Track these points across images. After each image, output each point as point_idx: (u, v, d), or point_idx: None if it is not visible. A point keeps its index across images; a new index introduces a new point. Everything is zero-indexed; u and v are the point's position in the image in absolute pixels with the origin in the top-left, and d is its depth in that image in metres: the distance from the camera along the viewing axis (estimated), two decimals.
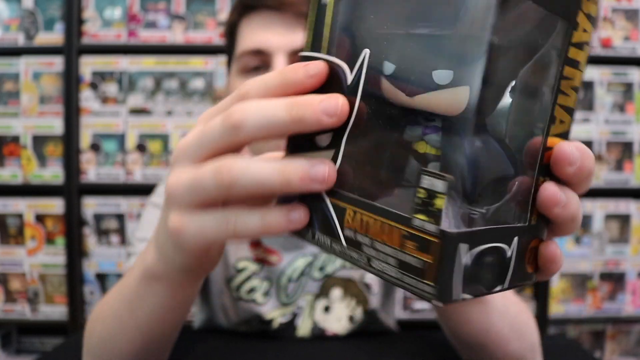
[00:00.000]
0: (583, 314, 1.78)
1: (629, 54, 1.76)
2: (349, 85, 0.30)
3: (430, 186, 0.26)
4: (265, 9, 0.77)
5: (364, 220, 0.29)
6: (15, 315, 1.71)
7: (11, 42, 1.69)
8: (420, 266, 0.26)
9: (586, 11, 0.27)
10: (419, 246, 0.26)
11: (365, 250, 0.29)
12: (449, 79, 0.25)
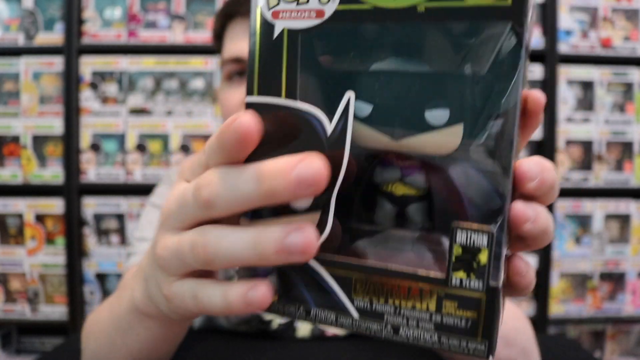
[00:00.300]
0: (583, 314, 1.78)
1: (629, 54, 1.76)
2: (329, 136, 0.26)
3: (469, 241, 0.24)
4: (243, 16, 0.78)
5: (381, 288, 0.26)
6: (15, 315, 1.71)
7: (11, 42, 1.69)
8: (465, 325, 0.25)
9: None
10: (461, 304, 0.25)
11: (390, 320, 0.27)
12: (445, 119, 0.25)
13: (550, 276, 1.74)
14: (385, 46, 0.25)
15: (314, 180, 0.24)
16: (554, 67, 1.72)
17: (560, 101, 1.73)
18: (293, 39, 0.26)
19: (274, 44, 0.26)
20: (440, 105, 0.25)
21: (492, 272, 0.25)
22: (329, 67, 0.26)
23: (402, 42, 0.25)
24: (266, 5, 0.26)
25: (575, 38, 1.75)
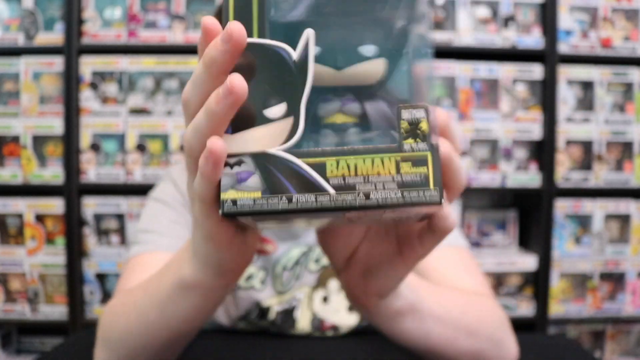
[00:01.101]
0: (583, 314, 1.78)
1: (629, 54, 1.76)
2: (295, 61, 0.33)
3: (412, 115, 0.33)
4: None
5: (351, 165, 0.33)
6: (15, 315, 1.71)
7: (11, 42, 1.69)
8: (420, 179, 0.32)
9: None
10: (414, 163, 0.32)
11: (360, 188, 0.32)
12: (372, 52, 0.34)
13: (550, 276, 1.74)
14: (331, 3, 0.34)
15: (231, 35, 0.32)
16: (554, 67, 1.72)
17: (560, 101, 1.73)
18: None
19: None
20: (369, 42, 0.34)
21: (431, 135, 0.33)
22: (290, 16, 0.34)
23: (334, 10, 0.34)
24: None
25: (575, 38, 1.75)
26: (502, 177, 1.74)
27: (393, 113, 0.33)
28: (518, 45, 1.74)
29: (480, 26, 1.74)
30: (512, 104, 1.74)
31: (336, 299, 0.89)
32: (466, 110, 1.72)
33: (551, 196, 1.73)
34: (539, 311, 1.75)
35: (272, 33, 0.34)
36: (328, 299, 0.89)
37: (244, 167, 0.33)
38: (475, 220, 1.83)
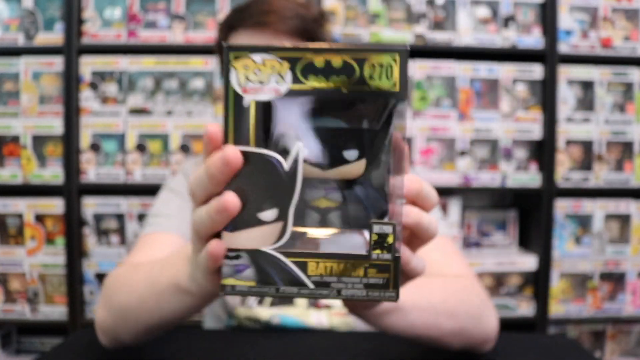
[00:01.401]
0: (583, 314, 1.78)
1: (629, 54, 1.76)
2: (286, 171, 0.40)
3: (381, 230, 0.40)
4: (247, 28, 0.93)
5: (327, 266, 0.41)
6: (15, 315, 1.71)
7: (11, 42, 1.69)
8: (382, 282, 0.41)
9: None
10: (379, 270, 0.41)
11: (334, 286, 0.41)
12: (355, 156, 0.41)
13: (550, 276, 1.74)
14: (316, 110, 0.40)
15: (228, 160, 0.39)
16: (554, 67, 1.71)
17: (560, 101, 1.73)
18: (258, 107, 0.40)
19: (244, 111, 0.40)
20: (352, 148, 0.41)
21: (395, 248, 0.40)
22: (282, 125, 0.40)
23: (329, 109, 0.40)
24: (238, 84, 0.40)
25: (575, 38, 1.75)
26: (502, 177, 1.73)
27: (372, 201, 0.41)
28: (518, 45, 1.73)
29: (481, 26, 1.74)
30: (512, 104, 1.74)
31: None
32: (466, 110, 1.72)
33: (551, 196, 1.73)
34: (539, 311, 1.75)
35: (266, 139, 0.40)
36: None
37: (241, 260, 0.41)
38: (476, 220, 1.82)
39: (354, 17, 1.72)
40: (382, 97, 0.40)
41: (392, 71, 0.40)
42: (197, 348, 0.84)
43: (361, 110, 0.41)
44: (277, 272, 0.41)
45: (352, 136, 0.41)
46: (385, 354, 0.82)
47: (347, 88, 0.40)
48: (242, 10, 0.95)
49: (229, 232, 0.41)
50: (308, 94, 0.40)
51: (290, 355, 0.82)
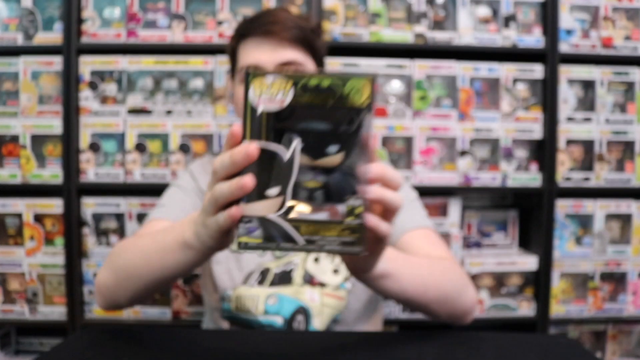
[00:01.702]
0: (584, 315, 1.77)
1: (630, 54, 1.76)
2: (287, 159, 0.56)
3: (352, 204, 0.56)
4: (256, 36, 1.07)
5: (315, 228, 0.56)
6: (14, 315, 1.71)
7: (10, 41, 1.69)
8: (354, 239, 0.56)
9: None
10: (351, 231, 0.56)
11: (319, 243, 0.56)
12: (336, 150, 0.55)
13: (551, 276, 1.74)
14: (309, 117, 0.56)
15: (248, 154, 0.55)
16: (554, 66, 1.71)
17: (561, 101, 1.73)
18: (268, 115, 0.56)
19: (258, 117, 0.56)
20: (333, 144, 0.56)
21: (362, 216, 0.56)
22: (284, 127, 0.56)
23: (319, 116, 0.55)
24: (254, 96, 0.55)
25: (575, 37, 1.74)
26: (503, 177, 1.73)
27: (346, 183, 0.56)
28: (518, 44, 1.73)
29: (481, 26, 1.74)
30: (512, 103, 1.73)
31: (325, 261, 1.10)
32: (467, 110, 1.71)
33: (552, 196, 1.73)
34: (539, 311, 1.75)
35: (275, 137, 0.56)
36: (319, 260, 1.10)
37: (252, 224, 0.57)
38: (476, 220, 1.82)
39: (354, 16, 1.72)
40: (356, 110, 0.56)
41: (363, 92, 0.56)
42: (197, 348, 0.84)
43: (341, 117, 0.56)
44: (278, 233, 0.56)
45: (333, 136, 0.56)
46: (385, 355, 0.82)
47: (332, 102, 0.56)
48: (252, 20, 1.10)
49: (245, 203, 0.56)
50: (304, 105, 0.56)
51: (291, 356, 0.82)
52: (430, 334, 0.92)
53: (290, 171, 0.56)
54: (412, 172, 1.70)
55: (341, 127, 0.56)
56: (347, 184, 0.56)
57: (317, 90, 0.55)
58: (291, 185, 0.56)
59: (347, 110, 0.55)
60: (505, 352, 0.85)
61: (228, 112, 1.68)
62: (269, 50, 1.06)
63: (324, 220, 0.56)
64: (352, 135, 0.55)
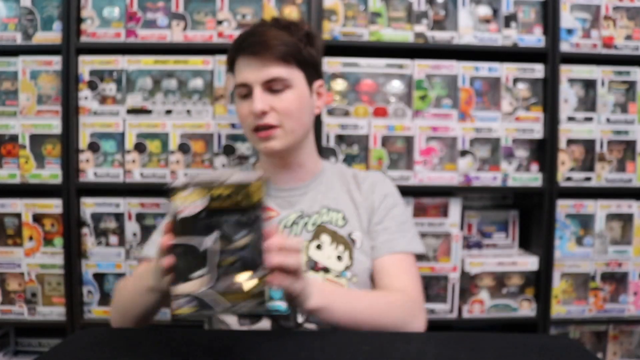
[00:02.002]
0: (585, 315, 1.77)
1: (631, 53, 1.75)
2: (207, 247, 0.74)
3: (258, 274, 0.73)
4: (245, 55, 1.16)
5: (234, 295, 0.73)
6: (13, 316, 1.70)
7: (9, 41, 1.68)
8: (261, 300, 0.73)
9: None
10: (258, 295, 0.73)
11: (240, 305, 0.73)
12: (243, 235, 0.74)
13: (551, 277, 1.73)
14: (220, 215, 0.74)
15: (162, 245, 0.79)
16: (555, 66, 1.71)
17: (561, 100, 1.72)
18: (188, 218, 0.74)
19: (181, 220, 0.74)
20: (241, 231, 0.74)
21: (267, 282, 0.74)
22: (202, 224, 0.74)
23: (228, 213, 0.74)
24: (177, 205, 0.74)
25: (576, 37, 1.74)
26: (503, 177, 1.73)
27: (254, 258, 0.74)
28: (519, 44, 1.73)
29: (481, 25, 1.73)
30: (513, 103, 1.73)
31: (328, 248, 1.18)
32: (467, 109, 1.71)
33: (553, 196, 1.72)
34: (540, 312, 1.74)
35: (197, 231, 0.74)
36: (321, 247, 1.18)
37: (185, 299, 0.73)
38: (476, 221, 1.81)
39: (354, 16, 1.71)
40: (252, 207, 0.74)
41: (257, 193, 0.74)
42: (198, 348, 0.84)
43: (243, 212, 0.74)
44: (210, 301, 0.72)
45: (240, 225, 0.74)
46: (385, 355, 0.82)
47: (235, 202, 0.74)
48: (243, 39, 1.18)
49: (176, 285, 0.74)
50: (215, 207, 0.74)
51: (291, 356, 0.82)
52: (431, 335, 0.92)
53: (212, 255, 0.73)
54: (412, 172, 1.69)
55: (244, 218, 0.73)
56: (254, 259, 0.73)
57: (223, 196, 0.73)
58: (214, 266, 0.73)
59: (247, 207, 0.73)
60: (505, 353, 0.85)
61: (228, 111, 1.67)
62: (255, 70, 1.15)
63: (240, 289, 0.72)
64: (253, 222, 0.73)
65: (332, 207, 1.22)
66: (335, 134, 1.68)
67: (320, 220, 1.20)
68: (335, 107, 1.69)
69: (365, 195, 1.26)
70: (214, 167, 1.68)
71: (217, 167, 1.68)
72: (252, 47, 1.15)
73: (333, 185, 1.28)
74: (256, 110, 1.13)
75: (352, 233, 1.20)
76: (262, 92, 1.14)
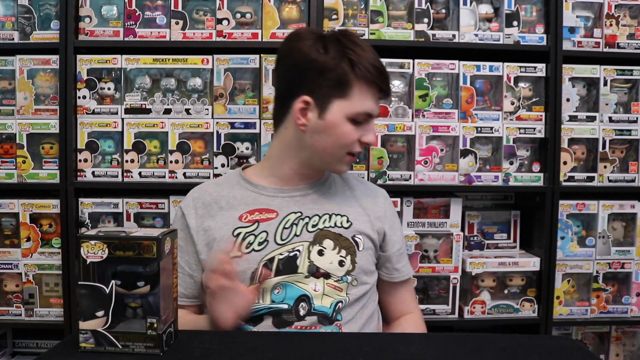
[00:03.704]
0: (587, 316, 1.75)
1: (634, 52, 1.74)
2: (108, 292, 0.82)
3: (153, 319, 0.81)
4: (378, 91, 1.18)
5: (128, 336, 0.82)
6: (10, 317, 1.69)
7: (6, 39, 1.67)
8: (154, 344, 0.82)
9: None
10: (152, 339, 0.82)
11: (131, 345, 0.82)
12: (143, 284, 0.82)
13: (553, 277, 1.72)
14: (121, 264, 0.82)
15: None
16: (557, 65, 1.69)
17: (564, 100, 1.71)
18: (94, 264, 0.82)
19: (87, 266, 0.82)
20: (141, 280, 0.82)
21: (160, 327, 0.82)
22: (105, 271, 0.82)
23: (129, 262, 0.82)
24: (84, 252, 0.81)
25: (579, 36, 1.72)
26: (505, 176, 1.71)
27: (151, 306, 0.81)
28: (521, 43, 1.71)
29: (483, 24, 1.72)
30: (514, 102, 1.72)
31: (330, 253, 1.17)
32: (468, 109, 1.70)
33: (554, 196, 1.71)
34: (542, 313, 1.73)
35: (103, 275, 0.81)
36: (323, 253, 1.17)
37: (88, 335, 0.82)
38: (477, 221, 1.80)
39: (355, 15, 1.70)
40: (152, 259, 0.81)
41: (155, 248, 0.80)
42: (199, 348, 0.85)
43: (142, 264, 0.81)
44: (105, 340, 0.82)
45: (141, 275, 0.81)
46: (386, 355, 0.82)
47: (135, 255, 0.80)
48: (379, 74, 1.16)
49: (82, 322, 0.82)
50: (117, 257, 0.81)
51: (291, 356, 0.82)
52: (432, 335, 0.92)
53: (111, 299, 0.81)
54: (412, 172, 1.68)
55: (144, 269, 0.80)
56: (153, 306, 0.81)
57: (124, 247, 0.80)
58: (111, 308, 0.81)
59: (146, 260, 0.80)
60: (507, 354, 0.85)
61: (227, 111, 1.66)
62: (378, 104, 1.20)
63: (134, 332, 0.81)
64: (151, 274, 0.81)
65: (335, 212, 1.22)
66: None
67: (323, 225, 1.20)
68: None
69: (373, 205, 1.27)
70: (214, 167, 1.67)
71: (217, 166, 1.67)
72: (387, 87, 1.20)
73: (337, 190, 1.27)
74: (372, 143, 1.22)
75: (355, 235, 1.20)
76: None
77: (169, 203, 1.67)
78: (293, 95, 1.16)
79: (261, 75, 1.67)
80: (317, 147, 1.17)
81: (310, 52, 1.14)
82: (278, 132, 1.24)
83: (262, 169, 1.28)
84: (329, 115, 1.15)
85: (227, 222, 1.19)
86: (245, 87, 1.70)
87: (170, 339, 0.85)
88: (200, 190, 1.27)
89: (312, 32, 1.22)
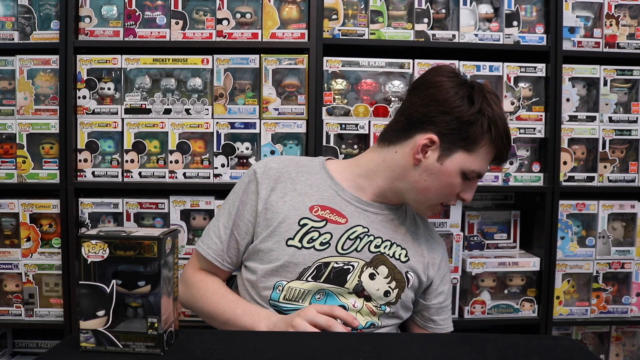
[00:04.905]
0: (587, 316, 1.75)
1: (634, 52, 1.74)
2: (108, 292, 0.81)
3: (153, 319, 0.80)
4: (497, 158, 1.18)
5: (128, 336, 0.81)
6: (10, 317, 1.69)
7: (6, 39, 1.67)
8: (154, 344, 0.81)
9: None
10: (152, 339, 0.81)
11: (131, 345, 0.81)
12: (144, 284, 0.81)
13: (553, 277, 1.72)
14: (121, 264, 0.81)
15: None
16: (557, 65, 1.69)
17: (563, 100, 1.71)
18: (94, 264, 0.80)
19: (88, 265, 0.80)
20: (142, 280, 0.81)
21: (160, 327, 0.81)
22: (106, 271, 0.81)
23: (130, 262, 0.81)
24: (85, 252, 0.80)
25: (579, 36, 1.72)
26: (505, 176, 1.71)
27: (152, 306, 0.81)
28: (521, 43, 1.71)
29: (483, 24, 1.72)
30: (515, 102, 1.72)
31: (381, 281, 1.17)
32: None
33: (554, 196, 1.71)
34: (542, 313, 1.73)
35: (103, 275, 0.80)
36: (375, 277, 1.17)
37: (88, 334, 0.81)
38: (477, 221, 1.80)
39: (355, 15, 1.70)
40: (152, 259, 0.80)
41: (155, 248, 0.79)
42: (200, 348, 0.85)
43: (145, 263, 0.80)
44: (105, 340, 0.81)
45: (141, 274, 0.80)
46: (386, 355, 0.82)
47: (135, 254, 0.80)
48: (508, 143, 1.16)
49: (83, 321, 0.81)
50: (117, 257, 0.80)
51: (291, 356, 0.82)
52: (432, 335, 0.91)
53: (112, 299, 0.80)
54: None
55: (144, 269, 0.80)
56: (153, 306, 0.80)
57: (125, 247, 0.79)
58: (112, 308, 0.80)
59: (146, 259, 0.80)
60: (507, 354, 0.84)
61: (227, 111, 1.66)
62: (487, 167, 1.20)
63: (134, 331, 0.80)
64: (152, 274, 0.80)
65: (398, 242, 1.21)
66: (335, 133, 1.67)
67: (384, 250, 1.19)
68: (335, 106, 1.68)
69: (432, 251, 1.26)
70: (214, 167, 1.67)
71: (217, 166, 1.67)
72: (506, 157, 1.20)
73: (406, 222, 1.26)
74: (468, 201, 1.22)
75: (409, 271, 1.20)
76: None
77: (169, 203, 1.67)
78: (421, 129, 1.14)
79: (261, 76, 1.66)
80: (420, 185, 1.16)
81: (454, 98, 1.12)
82: (384, 149, 1.21)
83: (346, 169, 1.25)
84: (448, 163, 1.13)
85: (297, 207, 1.18)
86: (245, 87, 1.70)
87: (171, 338, 0.84)
88: (280, 162, 1.24)
89: (456, 74, 1.19)
